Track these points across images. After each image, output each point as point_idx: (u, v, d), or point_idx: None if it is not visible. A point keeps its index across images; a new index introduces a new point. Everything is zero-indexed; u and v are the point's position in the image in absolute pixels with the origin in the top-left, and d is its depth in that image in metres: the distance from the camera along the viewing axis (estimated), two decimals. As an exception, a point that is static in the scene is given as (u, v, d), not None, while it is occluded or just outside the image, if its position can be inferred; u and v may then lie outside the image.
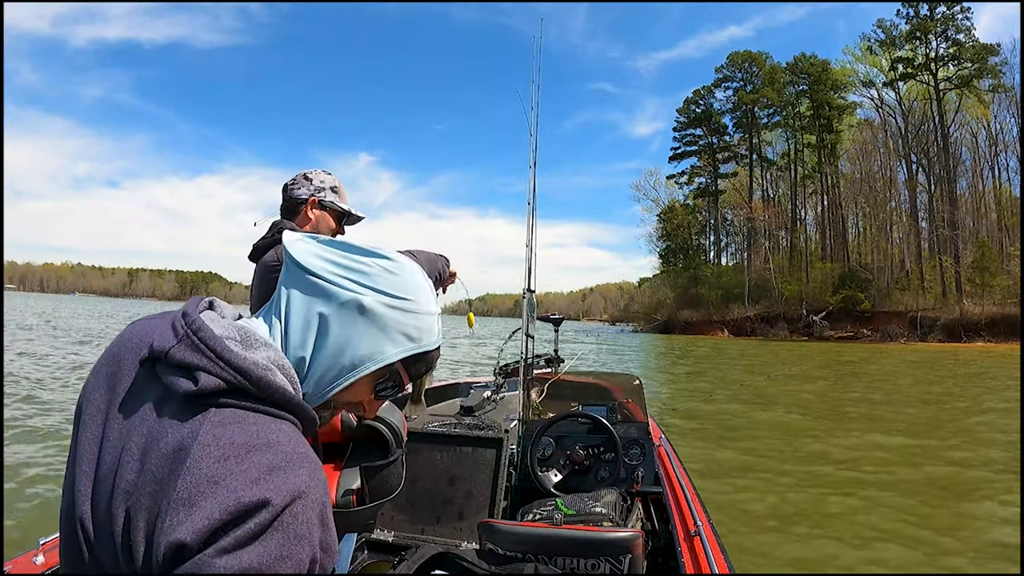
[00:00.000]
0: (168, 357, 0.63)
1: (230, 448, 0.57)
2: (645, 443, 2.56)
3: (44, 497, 4.15)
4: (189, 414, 0.60)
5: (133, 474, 0.58)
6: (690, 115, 57.98)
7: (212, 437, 0.58)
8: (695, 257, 57.25)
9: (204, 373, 0.61)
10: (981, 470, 5.63)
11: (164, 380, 0.63)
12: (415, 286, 0.74)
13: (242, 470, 0.56)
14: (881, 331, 38.16)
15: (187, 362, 0.62)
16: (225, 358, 0.62)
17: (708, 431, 7.43)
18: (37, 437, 5.70)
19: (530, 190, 2.89)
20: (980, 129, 44.80)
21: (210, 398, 0.61)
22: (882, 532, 4.04)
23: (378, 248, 0.74)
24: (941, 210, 41.90)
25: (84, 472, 0.63)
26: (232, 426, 0.59)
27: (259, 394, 0.63)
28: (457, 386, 3.76)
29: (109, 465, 0.61)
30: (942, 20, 42.72)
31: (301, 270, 0.70)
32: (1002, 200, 43.60)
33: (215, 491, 0.54)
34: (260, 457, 0.57)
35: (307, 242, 0.72)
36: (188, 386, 0.61)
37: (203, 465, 0.55)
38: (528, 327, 2.79)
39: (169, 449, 0.57)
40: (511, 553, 1.71)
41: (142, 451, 0.59)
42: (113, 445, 0.62)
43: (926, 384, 13.87)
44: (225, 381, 0.62)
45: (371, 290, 0.70)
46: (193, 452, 0.56)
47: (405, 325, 0.72)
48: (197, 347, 0.63)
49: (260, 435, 0.60)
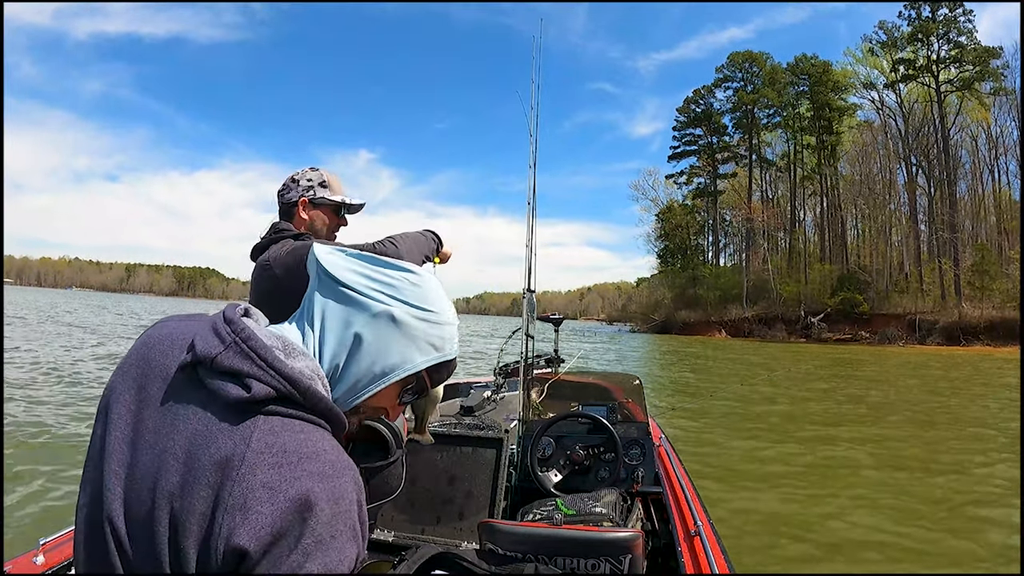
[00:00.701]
0: (215, 363, 0.64)
1: (283, 456, 0.60)
2: (645, 443, 2.56)
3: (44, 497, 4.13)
4: (238, 420, 0.62)
5: (178, 476, 0.60)
6: (690, 115, 57.87)
7: (265, 445, 0.60)
8: (693, 257, 57.22)
9: (255, 381, 0.63)
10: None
11: (210, 385, 0.64)
12: (438, 298, 0.77)
13: (296, 476, 0.59)
14: (879, 334, 37.99)
15: (236, 369, 0.64)
16: (276, 367, 0.65)
17: (707, 431, 7.44)
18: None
19: (530, 189, 2.88)
20: (980, 132, 44.80)
21: (258, 405, 0.63)
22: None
23: (400, 262, 0.77)
24: (941, 212, 41.80)
25: (114, 471, 0.64)
26: (283, 434, 0.62)
27: (305, 403, 0.66)
28: (457, 386, 3.75)
29: (147, 466, 0.62)
30: (944, 22, 42.60)
31: (335, 282, 0.73)
32: (1001, 204, 43.58)
33: (272, 497, 0.57)
34: (311, 465, 0.60)
35: (338, 255, 0.75)
36: (239, 393, 0.63)
37: (258, 472, 0.58)
38: (528, 327, 2.79)
39: (221, 455, 0.60)
40: (511, 553, 1.70)
41: (187, 454, 0.61)
42: (150, 446, 0.63)
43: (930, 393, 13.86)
44: (275, 389, 0.64)
45: (400, 302, 0.73)
46: (247, 459, 0.59)
47: (431, 335, 0.75)
48: (247, 355, 0.65)
49: (308, 443, 0.62)
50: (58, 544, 1.67)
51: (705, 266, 55.70)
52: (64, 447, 5.25)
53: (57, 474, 4.51)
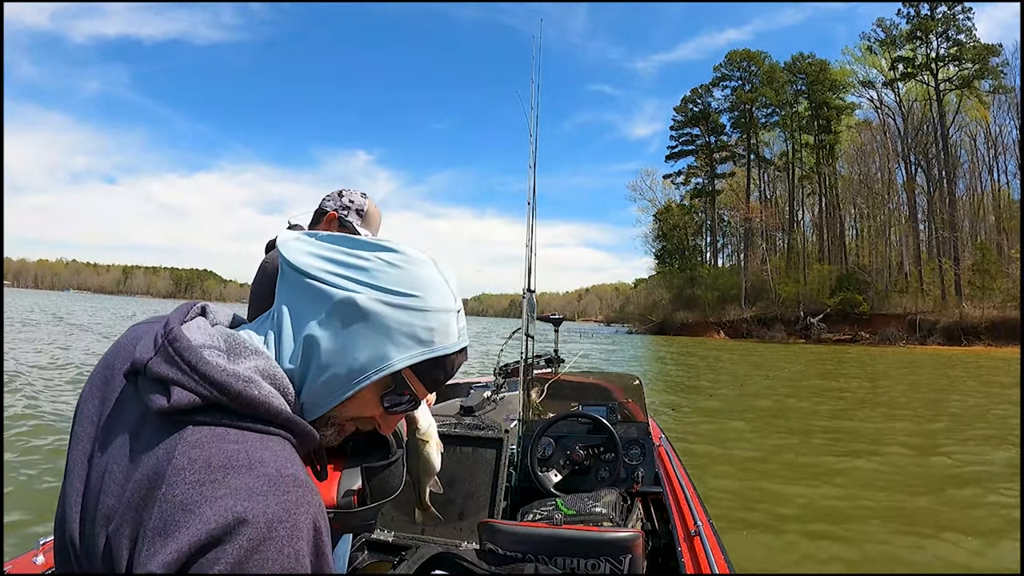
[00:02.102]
0: (147, 370, 0.58)
1: (205, 472, 0.51)
2: (645, 443, 2.57)
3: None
4: (165, 434, 0.54)
5: (113, 499, 0.54)
6: (687, 114, 57.68)
7: (187, 460, 0.52)
8: (691, 258, 57.09)
9: (178, 388, 0.56)
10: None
11: (143, 394, 0.57)
12: (425, 280, 0.64)
13: (218, 496, 0.50)
14: (880, 334, 37.81)
15: (162, 376, 0.57)
16: (200, 371, 0.56)
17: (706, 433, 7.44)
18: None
19: (530, 190, 2.89)
20: (979, 132, 44.73)
21: (187, 415, 0.55)
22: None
23: (383, 241, 0.65)
24: (940, 212, 41.72)
25: (75, 488, 0.59)
26: (209, 446, 0.53)
27: (239, 410, 0.56)
28: (457, 386, 3.75)
29: (95, 485, 0.57)
30: (943, 20, 42.54)
31: (294, 271, 0.63)
32: (1001, 203, 43.51)
33: (188, 520, 0.49)
34: (239, 480, 0.51)
35: (303, 240, 0.65)
36: (161, 403, 0.55)
37: (177, 491, 0.50)
38: (528, 327, 2.79)
39: (145, 473, 0.53)
40: (511, 553, 1.71)
41: (123, 474, 0.55)
42: (99, 464, 0.58)
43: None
44: (200, 396, 0.56)
45: (368, 287, 0.62)
46: (168, 477, 0.51)
47: (411, 326, 0.62)
48: (172, 359, 0.57)
49: (240, 455, 0.53)
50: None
51: (703, 267, 55.59)
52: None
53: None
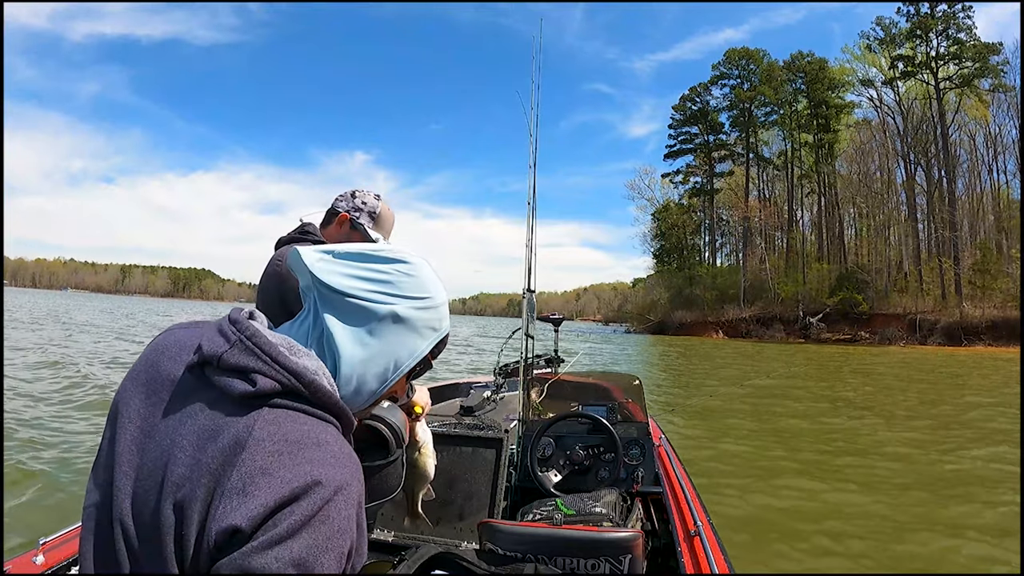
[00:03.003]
0: (222, 361, 0.67)
1: (283, 444, 0.62)
2: (645, 443, 2.56)
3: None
4: (244, 413, 0.64)
5: (185, 467, 0.62)
6: (686, 112, 57.51)
7: (267, 434, 0.62)
8: (690, 257, 56.92)
9: (260, 375, 0.66)
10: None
11: (217, 383, 0.66)
12: (430, 281, 0.79)
13: (293, 463, 0.60)
14: (879, 334, 37.66)
15: (242, 365, 0.66)
16: (280, 362, 0.67)
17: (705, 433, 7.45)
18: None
19: (530, 190, 2.88)
20: (978, 131, 44.66)
21: (264, 399, 0.65)
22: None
23: (390, 252, 0.77)
24: (940, 210, 41.59)
25: (124, 473, 0.66)
26: (284, 424, 0.64)
27: (309, 397, 0.67)
28: (457, 386, 3.75)
29: (155, 463, 0.64)
30: (943, 18, 42.40)
31: (334, 292, 0.73)
32: (1000, 203, 43.43)
33: (267, 481, 0.59)
34: (310, 453, 0.62)
35: (328, 261, 0.75)
36: (245, 387, 0.65)
37: (257, 458, 0.60)
38: (528, 327, 2.79)
39: (226, 444, 0.62)
40: (511, 553, 1.71)
41: (195, 447, 0.63)
42: (158, 444, 0.66)
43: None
44: (280, 383, 0.66)
45: (400, 298, 0.75)
46: (248, 446, 0.61)
47: (430, 320, 0.78)
48: (252, 351, 0.67)
49: (310, 434, 0.64)
50: (58, 544, 1.67)
51: (701, 266, 55.46)
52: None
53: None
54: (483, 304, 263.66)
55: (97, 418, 6.46)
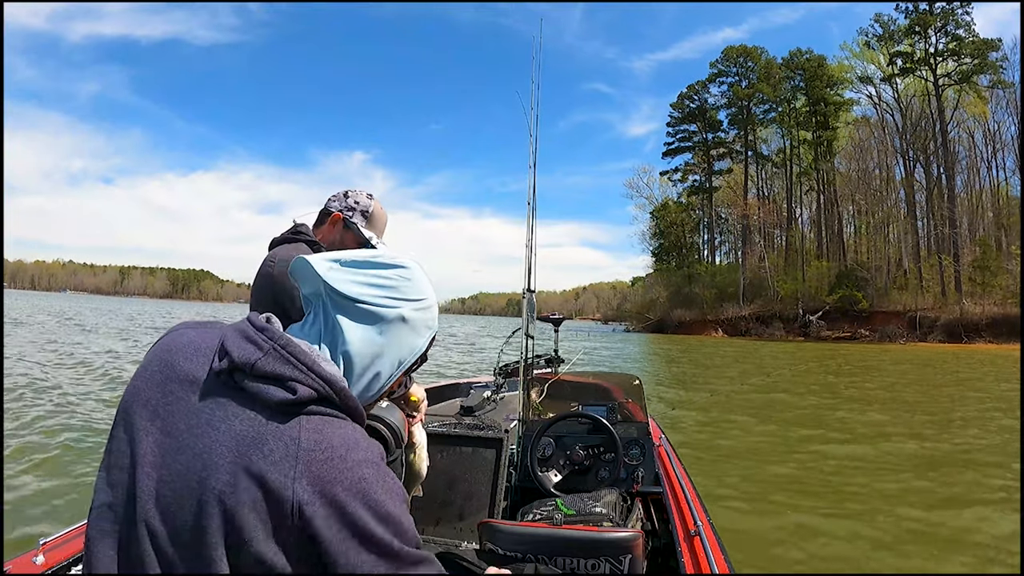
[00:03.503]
0: (255, 368, 0.69)
1: (331, 450, 0.66)
2: (645, 443, 2.56)
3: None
4: (283, 421, 0.67)
5: (228, 475, 0.64)
6: (684, 110, 57.44)
7: (314, 442, 0.66)
8: (689, 255, 56.88)
9: (298, 384, 0.68)
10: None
11: (250, 388, 0.68)
12: (424, 283, 0.85)
13: (348, 467, 0.66)
14: (880, 331, 37.64)
15: (278, 373, 0.68)
16: (316, 370, 0.70)
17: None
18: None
19: (530, 189, 2.87)
20: (977, 128, 44.63)
21: (300, 406, 0.68)
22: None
23: (390, 258, 0.83)
24: (940, 208, 41.56)
25: (146, 473, 0.67)
26: (326, 431, 0.68)
27: (340, 403, 0.71)
28: (457, 386, 3.75)
29: (186, 466, 0.66)
30: (941, 15, 42.37)
31: (345, 298, 0.78)
32: (999, 199, 43.40)
33: (330, 488, 0.64)
34: (356, 455, 0.68)
35: (337, 270, 0.79)
36: (285, 395, 0.68)
37: (313, 467, 0.65)
38: (528, 327, 2.79)
39: (275, 453, 0.65)
40: (511, 553, 1.70)
41: (237, 454, 0.65)
42: (186, 447, 0.67)
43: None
44: (315, 391, 0.69)
45: (404, 301, 0.81)
46: (300, 457, 0.65)
47: (427, 320, 0.85)
48: (287, 360, 0.70)
49: (349, 437, 0.69)
50: (58, 544, 1.67)
51: (701, 264, 55.43)
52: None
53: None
54: (482, 304, 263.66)
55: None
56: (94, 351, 14.01)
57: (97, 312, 41.26)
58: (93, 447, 5.34)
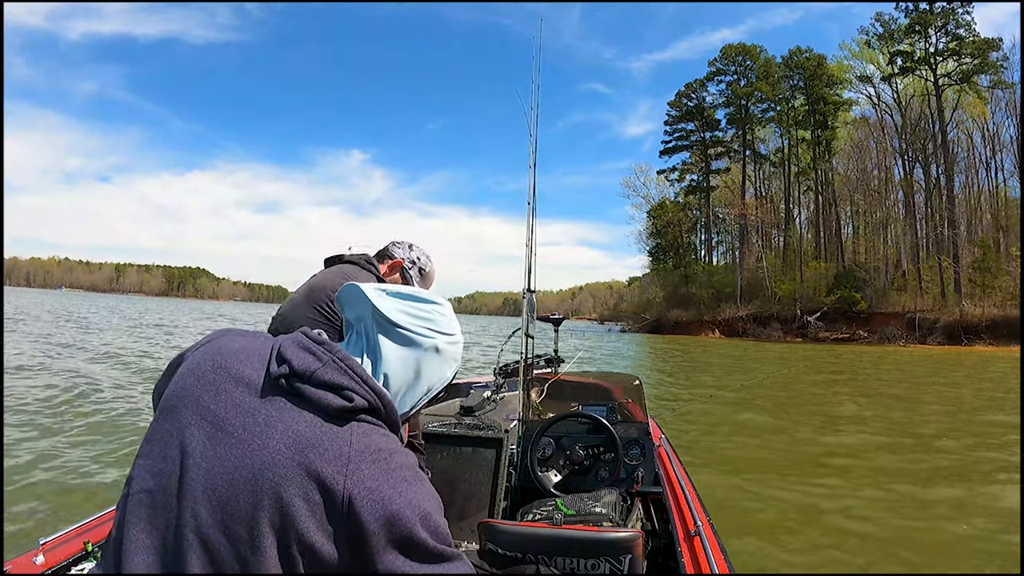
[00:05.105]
0: (314, 377, 0.75)
1: (379, 454, 0.73)
2: (645, 443, 2.57)
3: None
4: (338, 425, 0.74)
5: (286, 469, 0.69)
6: (682, 109, 57.08)
7: (364, 446, 0.73)
8: (686, 255, 56.55)
9: (355, 394, 0.75)
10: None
11: (309, 395, 0.74)
12: (454, 320, 0.93)
13: (393, 470, 0.73)
14: (878, 333, 37.45)
15: (335, 382, 0.75)
16: (369, 383, 0.77)
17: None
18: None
19: (530, 189, 2.87)
20: (976, 129, 44.48)
21: (353, 414, 0.75)
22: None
23: (427, 295, 0.91)
24: (939, 208, 41.42)
25: (196, 463, 0.71)
26: (374, 437, 0.75)
27: (385, 414, 0.79)
28: (457, 386, 3.75)
29: (240, 459, 0.70)
30: (942, 14, 42.21)
31: (390, 324, 0.85)
32: (998, 201, 43.32)
33: (380, 489, 0.70)
34: (400, 459, 0.75)
35: (386, 299, 0.87)
36: (342, 403, 0.74)
37: (364, 467, 0.71)
38: (528, 327, 2.79)
39: (330, 453, 0.71)
40: (511, 553, 1.70)
41: (295, 451, 0.70)
42: (241, 441, 0.71)
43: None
44: (368, 401, 0.76)
45: (439, 333, 0.89)
46: (352, 458, 0.71)
47: (455, 352, 0.92)
48: (344, 371, 0.76)
49: (392, 445, 0.77)
50: (58, 544, 1.67)
51: (698, 264, 55.18)
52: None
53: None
54: (478, 303, 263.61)
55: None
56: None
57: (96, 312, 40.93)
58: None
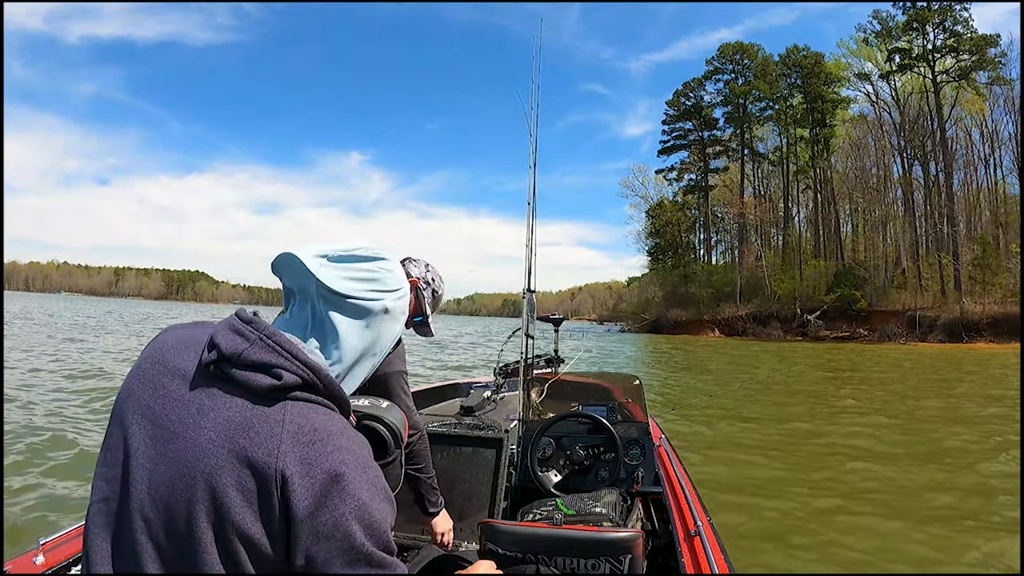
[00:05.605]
0: (242, 358, 0.71)
1: (314, 434, 0.68)
2: (645, 443, 2.56)
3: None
4: (269, 406, 0.70)
5: (215, 459, 0.66)
6: (680, 108, 56.85)
7: (297, 426, 0.68)
8: (685, 255, 56.47)
9: (283, 371, 0.71)
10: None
11: (238, 377, 0.70)
12: (401, 274, 0.89)
13: (328, 452, 0.68)
14: (879, 331, 37.37)
15: (264, 361, 0.71)
16: (300, 358, 0.72)
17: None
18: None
19: (530, 190, 2.87)
20: (974, 126, 44.37)
21: (285, 392, 0.71)
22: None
23: (371, 251, 0.85)
24: (938, 205, 41.35)
25: (140, 464, 0.69)
26: (309, 416, 0.70)
27: (324, 390, 0.74)
28: (457, 386, 3.76)
29: (177, 454, 0.68)
30: (940, 11, 42.13)
31: (341, 297, 0.80)
32: (996, 198, 43.27)
33: (310, 471, 0.66)
34: (338, 441, 0.70)
35: (327, 267, 0.80)
36: (271, 381, 0.70)
37: (296, 450, 0.67)
38: (528, 327, 2.79)
39: (260, 436, 0.67)
40: (511, 553, 1.71)
41: (226, 438, 0.67)
42: (177, 436, 0.69)
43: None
44: (300, 377, 0.71)
45: (386, 293, 0.85)
46: (284, 439, 0.67)
47: (403, 307, 0.89)
48: (273, 348, 0.72)
49: (331, 424, 0.71)
50: (58, 544, 1.67)
51: (697, 263, 55.02)
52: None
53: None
54: (478, 304, 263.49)
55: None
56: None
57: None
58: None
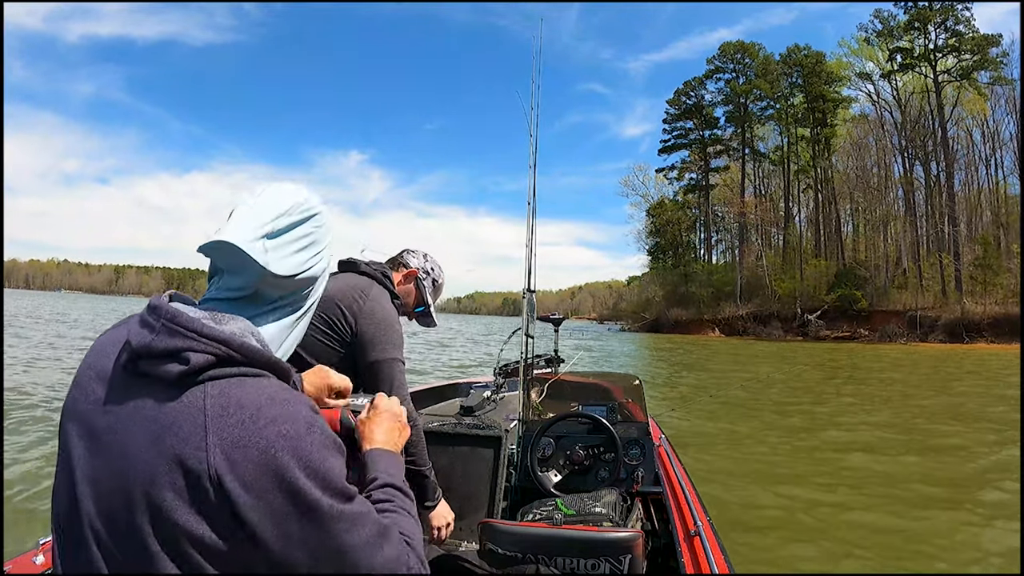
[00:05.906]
0: (151, 350, 0.66)
1: (240, 411, 0.63)
2: (645, 443, 2.56)
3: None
4: (189, 395, 0.64)
5: (145, 464, 0.62)
6: (680, 107, 56.87)
7: (220, 408, 0.63)
8: (685, 254, 56.46)
9: (191, 352, 0.65)
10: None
11: (152, 371, 0.66)
12: (327, 216, 0.84)
13: (261, 426, 0.63)
14: (880, 331, 37.32)
15: (171, 348, 0.65)
16: (207, 334, 0.66)
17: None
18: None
19: (530, 190, 2.87)
20: (976, 126, 44.40)
21: (200, 374, 0.65)
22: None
23: (305, 208, 0.79)
24: (939, 205, 41.32)
25: (82, 476, 0.66)
26: (232, 393, 0.65)
27: (243, 360, 0.67)
28: (457, 386, 3.76)
29: (111, 463, 0.65)
30: (941, 11, 42.12)
31: (290, 279, 0.77)
32: (997, 198, 43.27)
33: (246, 452, 0.62)
34: (268, 411, 0.64)
35: (272, 250, 0.74)
36: (179, 367, 0.65)
37: (225, 433, 0.62)
38: (528, 327, 2.78)
39: (185, 429, 0.62)
40: (511, 553, 1.71)
41: (153, 439, 0.63)
42: (108, 444, 0.66)
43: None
44: (212, 355, 0.66)
45: (324, 250, 0.83)
46: (209, 427, 0.62)
47: (331, 251, 0.86)
48: (176, 332, 0.66)
49: (257, 393, 0.66)
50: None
51: (697, 263, 55.02)
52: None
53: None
54: (478, 303, 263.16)
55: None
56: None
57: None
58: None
